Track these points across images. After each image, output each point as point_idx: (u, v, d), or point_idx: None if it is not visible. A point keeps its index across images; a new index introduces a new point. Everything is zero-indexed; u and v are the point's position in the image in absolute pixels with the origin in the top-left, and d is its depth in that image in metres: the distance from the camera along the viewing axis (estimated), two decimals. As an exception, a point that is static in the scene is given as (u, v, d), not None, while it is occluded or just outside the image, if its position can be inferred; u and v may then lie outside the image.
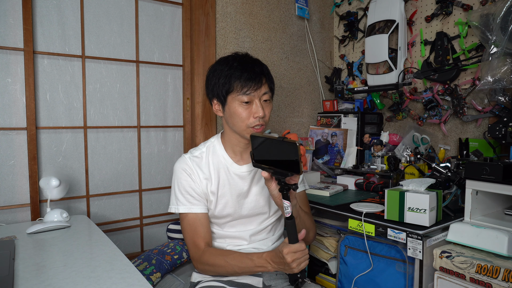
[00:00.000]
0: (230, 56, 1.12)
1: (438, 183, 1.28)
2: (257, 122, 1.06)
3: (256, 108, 1.06)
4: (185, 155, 1.16)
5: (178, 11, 1.82)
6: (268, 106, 1.10)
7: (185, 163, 1.14)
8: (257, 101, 1.06)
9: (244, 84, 1.04)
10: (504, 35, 1.35)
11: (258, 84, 1.05)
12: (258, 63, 1.11)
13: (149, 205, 1.77)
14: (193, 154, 1.16)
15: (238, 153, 1.16)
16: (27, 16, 1.40)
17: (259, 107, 1.05)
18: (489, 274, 0.98)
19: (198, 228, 1.11)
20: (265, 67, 1.11)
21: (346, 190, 1.68)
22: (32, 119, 1.43)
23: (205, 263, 1.08)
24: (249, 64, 1.07)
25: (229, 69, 1.07)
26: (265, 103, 1.09)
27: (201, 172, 1.13)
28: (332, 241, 1.47)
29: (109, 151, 1.65)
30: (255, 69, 1.07)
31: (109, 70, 1.64)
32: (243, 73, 1.05)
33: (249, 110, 1.06)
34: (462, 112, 1.71)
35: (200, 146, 1.20)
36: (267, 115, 1.09)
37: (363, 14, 2.19)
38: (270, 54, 2.08)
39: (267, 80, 1.09)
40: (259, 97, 1.06)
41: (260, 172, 1.16)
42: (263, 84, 1.07)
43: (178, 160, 1.16)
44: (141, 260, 1.42)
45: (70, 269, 0.92)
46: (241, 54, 1.12)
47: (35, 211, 1.44)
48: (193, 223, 1.11)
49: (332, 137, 2.07)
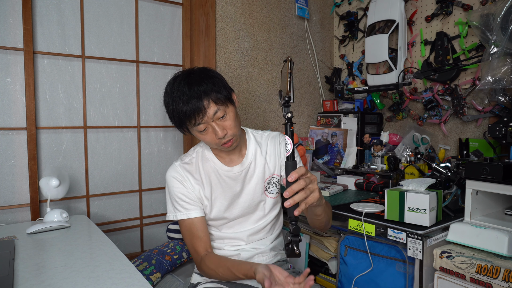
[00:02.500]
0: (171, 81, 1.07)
1: (438, 183, 1.28)
2: (223, 140, 1.05)
3: (213, 130, 1.03)
4: (175, 163, 1.17)
5: (178, 11, 1.82)
6: (227, 120, 1.04)
7: (175, 171, 1.14)
8: (212, 123, 1.03)
9: (191, 118, 1.01)
10: (504, 35, 1.35)
11: (202, 111, 1.00)
12: (193, 82, 1.02)
13: (149, 205, 1.77)
14: (183, 161, 1.17)
15: (226, 156, 1.16)
16: (27, 16, 1.40)
17: (217, 129, 1.02)
18: (489, 274, 0.98)
19: (195, 233, 1.12)
20: (202, 83, 1.02)
21: (346, 190, 1.68)
22: (32, 119, 1.43)
23: (204, 271, 1.10)
24: (186, 91, 1.01)
25: (175, 106, 1.03)
26: (222, 120, 1.04)
27: (192, 178, 1.14)
28: (332, 241, 1.47)
29: (109, 151, 1.65)
30: (191, 95, 1.00)
31: (109, 70, 1.64)
32: (185, 108, 1.00)
33: (209, 134, 1.05)
34: (462, 112, 1.71)
35: (189, 151, 1.21)
36: (229, 130, 1.04)
37: (363, 14, 2.19)
38: (270, 54, 2.08)
39: (210, 97, 1.01)
40: (212, 120, 1.02)
41: (251, 171, 1.17)
42: (208, 108, 1.00)
43: (169, 169, 1.16)
44: (141, 260, 1.41)
45: (70, 269, 0.92)
46: (179, 77, 1.06)
47: (35, 211, 1.44)
48: (189, 228, 1.13)
49: (332, 137, 2.07)
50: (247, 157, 1.17)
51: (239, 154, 1.17)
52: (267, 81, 2.08)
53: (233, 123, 1.05)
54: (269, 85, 2.09)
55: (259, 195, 1.18)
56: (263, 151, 1.19)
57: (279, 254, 1.24)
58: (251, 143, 1.19)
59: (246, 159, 1.16)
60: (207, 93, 1.01)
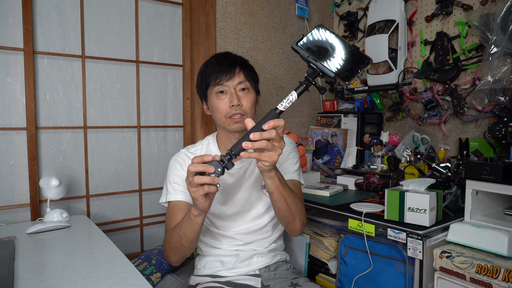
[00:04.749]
0: (214, 57, 1.15)
1: (438, 183, 1.28)
2: (234, 111, 1.06)
3: (230, 97, 1.07)
4: (181, 150, 1.21)
5: (178, 11, 1.82)
6: (247, 96, 1.09)
7: (178, 156, 1.18)
8: (232, 90, 1.07)
9: (217, 76, 1.07)
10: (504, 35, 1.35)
11: (230, 74, 1.07)
12: (233, 56, 1.14)
13: (149, 205, 1.77)
14: (188, 150, 1.20)
15: None
16: (27, 16, 1.40)
17: (234, 96, 1.06)
18: (489, 274, 0.98)
19: (177, 214, 1.09)
20: (241, 58, 1.14)
21: (346, 190, 1.68)
22: (32, 119, 1.43)
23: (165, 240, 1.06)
24: (224, 57, 1.12)
25: (205, 67, 1.12)
26: (243, 92, 1.09)
27: None
28: (332, 241, 1.47)
29: (109, 151, 1.65)
30: (228, 60, 1.10)
31: (109, 70, 1.64)
32: (215, 66, 1.08)
33: (225, 100, 1.08)
34: (462, 112, 1.71)
35: (197, 143, 1.24)
36: (244, 104, 1.08)
37: (363, 14, 2.19)
38: (270, 54, 2.08)
39: (242, 69, 1.10)
40: (234, 86, 1.08)
41: (251, 169, 1.17)
42: (236, 74, 1.08)
43: (174, 155, 1.20)
44: (141, 260, 1.41)
45: (70, 269, 0.92)
46: (221, 53, 1.16)
47: (35, 211, 1.44)
48: (173, 210, 1.10)
49: (332, 137, 2.07)
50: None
51: None
52: (267, 81, 2.08)
53: (250, 103, 1.10)
54: (269, 85, 2.09)
55: (256, 193, 1.18)
56: None
57: (278, 254, 1.24)
58: None
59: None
60: (242, 66, 1.11)
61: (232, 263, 1.16)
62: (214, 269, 1.16)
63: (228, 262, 1.16)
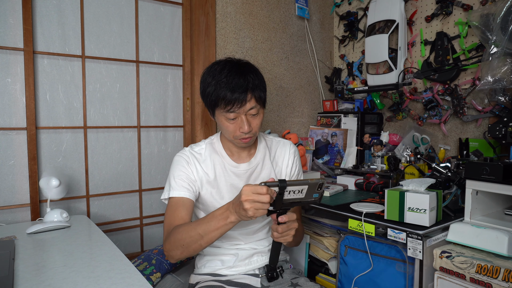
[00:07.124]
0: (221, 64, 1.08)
1: (438, 183, 1.28)
2: (243, 135, 1.07)
3: (241, 123, 1.05)
4: (185, 148, 1.19)
5: (178, 11, 1.82)
6: (256, 118, 1.08)
7: (183, 153, 1.17)
8: (243, 116, 1.05)
9: (228, 103, 1.02)
10: (504, 35, 1.35)
11: (242, 102, 1.03)
12: (246, 73, 1.04)
13: (149, 205, 1.77)
14: (193, 149, 1.19)
15: (235, 153, 1.18)
16: (27, 16, 1.40)
17: (244, 123, 1.05)
18: (489, 274, 0.98)
19: (180, 209, 1.07)
20: (253, 78, 1.05)
21: (346, 190, 1.68)
22: (32, 119, 1.43)
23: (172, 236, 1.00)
24: (235, 78, 1.03)
25: (216, 84, 1.04)
26: (253, 117, 1.07)
27: (198, 165, 1.14)
28: (332, 241, 1.47)
29: (109, 151, 1.65)
30: (240, 84, 1.02)
31: (109, 70, 1.64)
32: (227, 91, 1.02)
33: (235, 124, 1.06)
34: (462, 112, 1.71)
35: (200, 142, 1.23)
36: (254, 128, 1.08)
37: (363, 14, 2.19)
38: (270, 54, 2.08)
39: (254, 93, 1.04)
40: (245, 113, 1.05)
41: (257, 172, 1.18)
42: (248, 101, 1.03)
43: (178, 153, 1.18)
44: (141, 260, 1.42)
45: (70, 269, 0.92)
46: (230, 63, 1.07)
47: (35, 211, 1.44)
48: (176, 205, 1.08)
49: (332, 137, 2.07)
50: (256, 158, 1.19)
51: (248, 153, 1.19)
52: (267, 81, 2.05)
53: (259, 124, 1.10)
54: (269, 85, 2.09)
55: None
56: (271, 156, 1.22)
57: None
58: (261, 146, 1.22)
59: (255, 159, 1.18)
60: (254, 88, 1.05)
61: (232, 262, 1.16)
62: (214, 268, 1.17)
63: (228, 260, 1.16)
